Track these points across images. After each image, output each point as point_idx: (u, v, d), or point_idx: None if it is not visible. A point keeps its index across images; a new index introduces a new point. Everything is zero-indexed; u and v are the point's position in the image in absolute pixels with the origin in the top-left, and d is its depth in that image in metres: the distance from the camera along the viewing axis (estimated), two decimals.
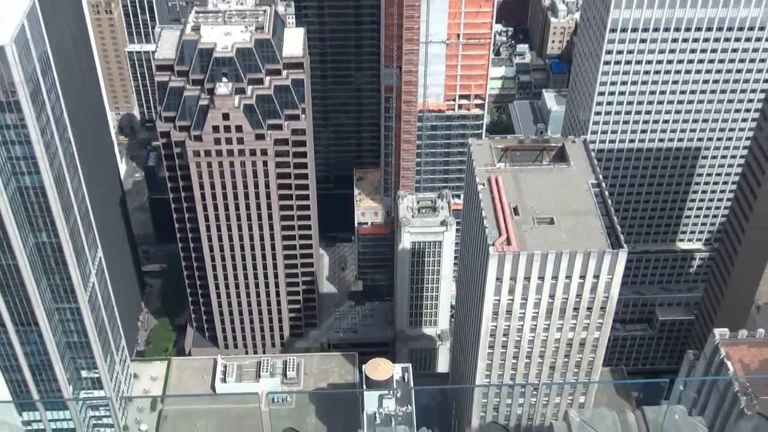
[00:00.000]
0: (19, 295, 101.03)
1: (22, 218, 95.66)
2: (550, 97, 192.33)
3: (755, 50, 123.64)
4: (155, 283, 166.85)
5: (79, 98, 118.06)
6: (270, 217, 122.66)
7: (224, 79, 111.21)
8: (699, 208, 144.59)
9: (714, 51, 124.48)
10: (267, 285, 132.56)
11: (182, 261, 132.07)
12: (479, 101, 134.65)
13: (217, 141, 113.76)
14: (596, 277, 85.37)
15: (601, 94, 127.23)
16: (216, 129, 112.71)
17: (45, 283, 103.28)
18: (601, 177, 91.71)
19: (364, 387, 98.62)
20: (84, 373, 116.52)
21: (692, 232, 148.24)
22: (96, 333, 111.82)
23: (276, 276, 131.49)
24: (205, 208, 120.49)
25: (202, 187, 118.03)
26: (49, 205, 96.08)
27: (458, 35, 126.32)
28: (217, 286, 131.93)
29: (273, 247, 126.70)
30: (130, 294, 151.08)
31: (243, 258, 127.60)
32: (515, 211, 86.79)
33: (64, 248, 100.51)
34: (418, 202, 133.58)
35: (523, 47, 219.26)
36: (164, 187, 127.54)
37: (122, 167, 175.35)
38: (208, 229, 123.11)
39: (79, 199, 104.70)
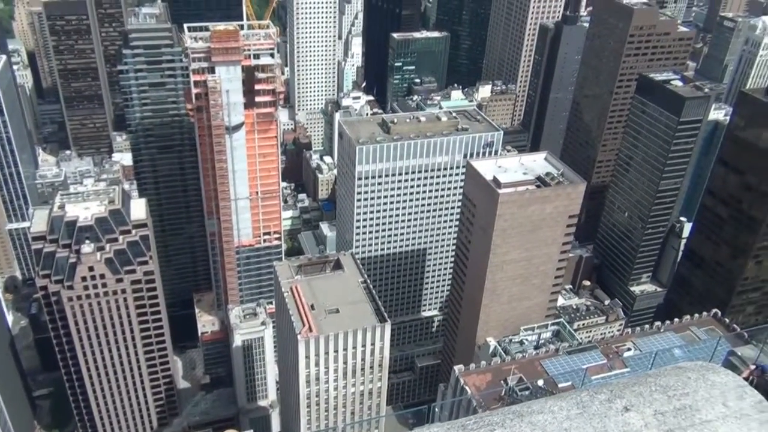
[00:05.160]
0: None
1: None
2: (325, 227, 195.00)
3: (450, 182, 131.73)
4: (44, 404, 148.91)
5: None
6: (133, 338, 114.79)
7: (87, 241, 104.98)
8: (432, 288, 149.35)
9: (426, 185, 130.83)
10: (135, 389, 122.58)
11: (66, 382, 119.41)
12: (277, 235, 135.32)
13: (86, 288, 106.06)
14: (372, 344, 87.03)
15: (358, 220, 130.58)
16: (84, 279, 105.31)
17: None
18: (366, 276, 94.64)
19: None
20: None
21: (430, 304, 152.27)
22: None
23: (142, 381, 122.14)
24: (80, 339, 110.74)
25: (77, 323, 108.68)
26: None
27: (257, 192, 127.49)
28: (96, 397, 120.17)
29: (138, 360, 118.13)
30: (23, 415, 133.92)
31: (114, 371, 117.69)
32: (312, 307, 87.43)
33: None
34: (243, 311, 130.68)
35: (302, 195, 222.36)
36: (46, 328, 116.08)
37: (9, 317, 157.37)
38: (84, 354, 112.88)
39: None
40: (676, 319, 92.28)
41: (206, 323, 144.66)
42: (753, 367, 13.10)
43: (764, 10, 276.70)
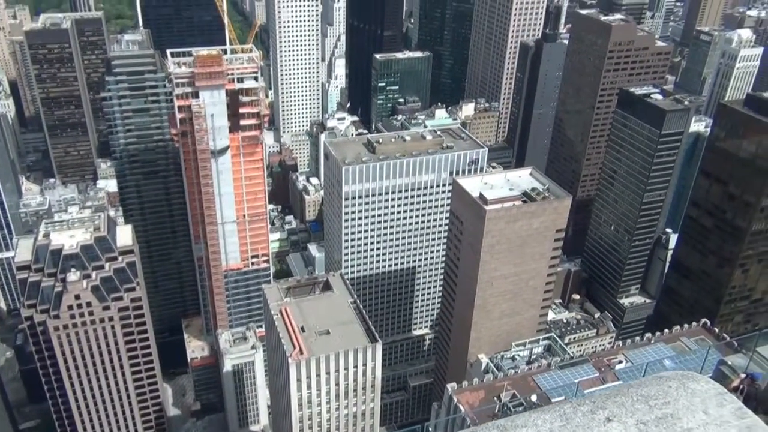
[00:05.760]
0: None
1: None
2: (313, 248, 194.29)
3: (437, 200, 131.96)
4: None
5: None
6: (121, 366, 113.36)
7: (73, 269, 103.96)
8: (422, 306, 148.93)
9: (413, 203, 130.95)
10: (125, 418, 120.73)
11: (53, 414, 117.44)
12: (265, 258, 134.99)
13: (72, 316, 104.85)
14: (364, 365, 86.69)
15: (346, 241, 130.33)
16: (70, 307, 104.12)
17: None
18: (355, 296, 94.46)
19: None
20: None
21: (421, 322, 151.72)
22: None
23: (131, 410, 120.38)
24: (68, 369, 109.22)
25: (63, 353, 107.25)
26: None
27: (244, 215, 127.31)
28: (84, 427, 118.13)
29: (126, 389, 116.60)
30: None
31: (103, 401, 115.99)
32: (302, 329, 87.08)
33: None
34: (232, 336, 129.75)
35: (289, 217, 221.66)
36: (32, 359, 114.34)
37: None
38: (72, 384, 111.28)
39: None
40: (666, 330, 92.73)
41: (195, 349, 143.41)
42: (743, 375, 13.23)
43: (739, 24, 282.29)
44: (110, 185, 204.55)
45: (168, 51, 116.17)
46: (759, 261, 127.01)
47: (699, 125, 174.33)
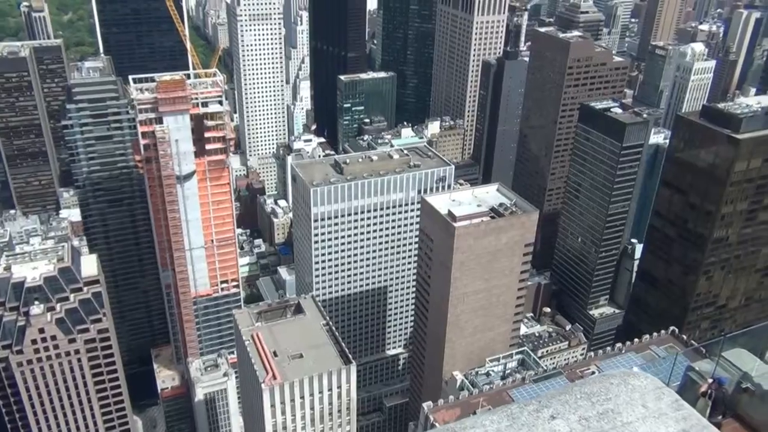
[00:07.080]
0: None
1: None
2: (283, 272, 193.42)
3: (406, 219, 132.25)
4: None
5: None
6: (89, 400, 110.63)
7: (36, 302, 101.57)
8: (395, 325, 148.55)
9: (382, 223, 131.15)
10: None
11: None
12: (235, 283, 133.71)
13: (37, 351, 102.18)
14: (339, 387, 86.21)
15: (316, 263, 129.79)
16: (35, 341, 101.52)
17: None
18: (328, 318, 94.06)
19: None
20: None
21: (395, 342, 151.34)
22: None
23: None
24: (33, 406, 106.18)
25: (28, 390, 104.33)
26: None
27: (212, 240, 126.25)
28: None
29: (95, 423, 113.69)
30: None
31: None
32: (275, 353, 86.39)
33: None
34: (204, 363, 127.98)
35: (258, 241, 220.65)
36: None
37: None
38: (38, 422, 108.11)
39: None
40: (636, 340, 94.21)
41: (166, 378, 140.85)
42: (711, 380, 13.64)
43: (692, 38, 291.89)
44: (73, 214, 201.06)
45: (130, 77, 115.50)
46: (722, 268, 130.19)
47: (658, 137, 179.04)
